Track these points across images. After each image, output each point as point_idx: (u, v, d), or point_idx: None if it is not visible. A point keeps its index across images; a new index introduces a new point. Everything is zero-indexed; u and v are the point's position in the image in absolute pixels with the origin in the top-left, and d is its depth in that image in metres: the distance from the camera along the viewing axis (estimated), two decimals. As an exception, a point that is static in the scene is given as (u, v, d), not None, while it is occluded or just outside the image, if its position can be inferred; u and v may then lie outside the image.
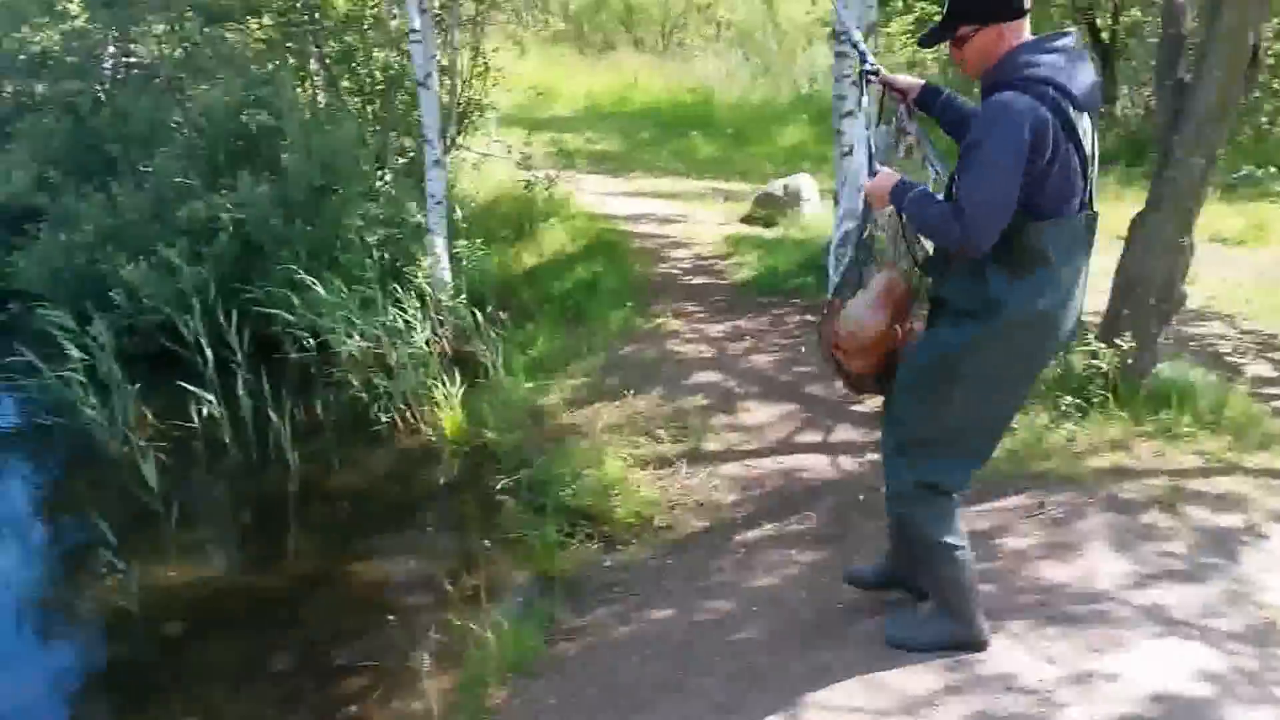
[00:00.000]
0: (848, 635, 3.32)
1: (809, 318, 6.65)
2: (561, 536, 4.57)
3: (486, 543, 4.94)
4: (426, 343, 6.64)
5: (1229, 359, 5.80)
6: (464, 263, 7.59)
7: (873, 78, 3.13)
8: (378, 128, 8.65)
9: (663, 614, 3.69)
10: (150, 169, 7.73)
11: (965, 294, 2.75)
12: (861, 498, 4.32)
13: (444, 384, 5.99)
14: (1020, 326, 2.72)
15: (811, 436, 4.99)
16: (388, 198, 7.77)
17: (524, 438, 5.61)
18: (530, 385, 6.10)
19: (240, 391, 5.88)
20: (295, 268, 7.00)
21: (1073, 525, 3.77)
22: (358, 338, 6.76)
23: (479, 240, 7.92)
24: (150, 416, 5.96)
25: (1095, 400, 4.57)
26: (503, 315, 7.06)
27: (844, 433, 4.99)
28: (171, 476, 5.05)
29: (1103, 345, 4.61)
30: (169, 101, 7.82)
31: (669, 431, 5.22)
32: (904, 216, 2.88)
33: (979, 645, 3.06)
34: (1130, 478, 4.13)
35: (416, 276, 7.25)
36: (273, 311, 7.13)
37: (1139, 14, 12.22)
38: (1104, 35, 12.46)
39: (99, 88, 8.97)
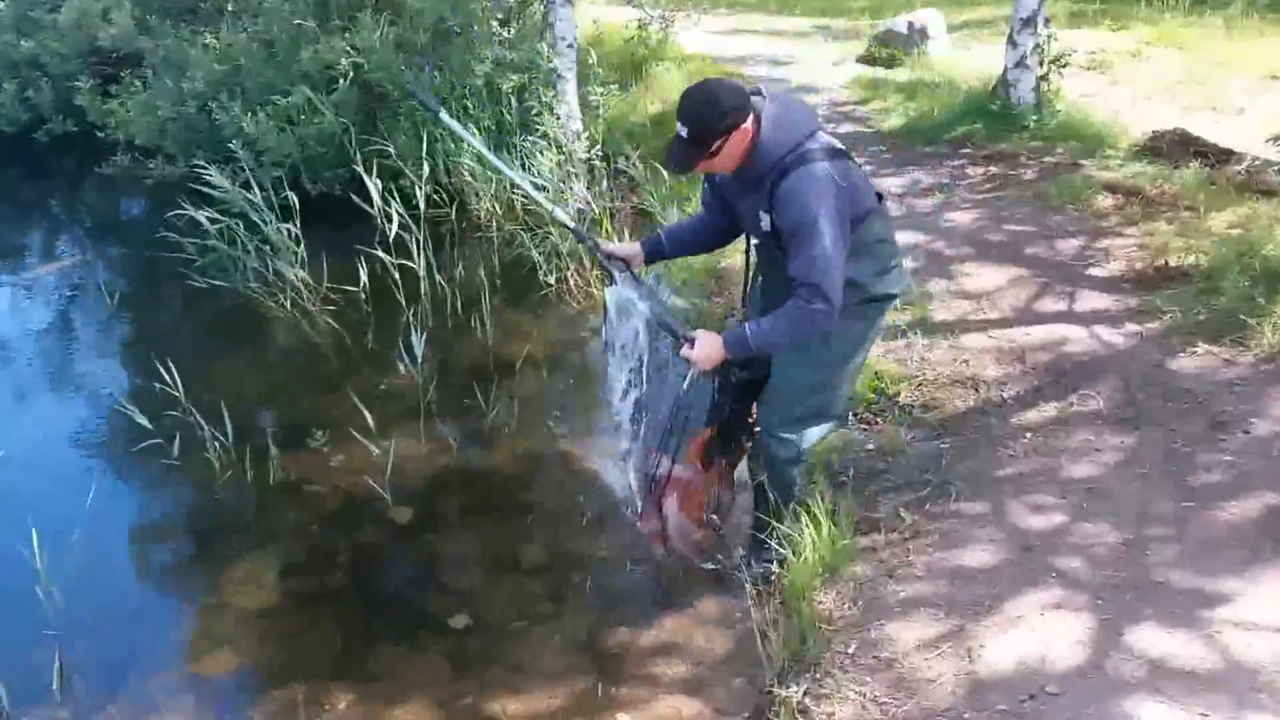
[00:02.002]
0: (1229, 540, 3.02)
1: (993, 169, 6.21)
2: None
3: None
4: (595, 195, 6.20)
5: None
6: (600, 111, 7.06)
7: (596, 252, 3.27)
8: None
9: (975, 508, 3.37)
10: (235, 10, 7.13)
11: None
12: (1144, 375, 3.98)
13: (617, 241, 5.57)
14: (878, 300, 3.08)
15: (1055, 304, 4.61)
16: (508, 41, 7.17)
17: (714, 302, 5.24)
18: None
19: (414, 251, 5.48)
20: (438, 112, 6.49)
21: None
22: (529, 188, 6.31)
23: (613, 85, 7.37)
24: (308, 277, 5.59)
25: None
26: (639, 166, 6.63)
27: (1092, 300, 4.61)
28: (361, 346, 4.68)
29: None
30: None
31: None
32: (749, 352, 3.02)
33: None
34: None
35: (550, 126, 6.74)
36: (401, 164, 6.68)
37: None
38: None
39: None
